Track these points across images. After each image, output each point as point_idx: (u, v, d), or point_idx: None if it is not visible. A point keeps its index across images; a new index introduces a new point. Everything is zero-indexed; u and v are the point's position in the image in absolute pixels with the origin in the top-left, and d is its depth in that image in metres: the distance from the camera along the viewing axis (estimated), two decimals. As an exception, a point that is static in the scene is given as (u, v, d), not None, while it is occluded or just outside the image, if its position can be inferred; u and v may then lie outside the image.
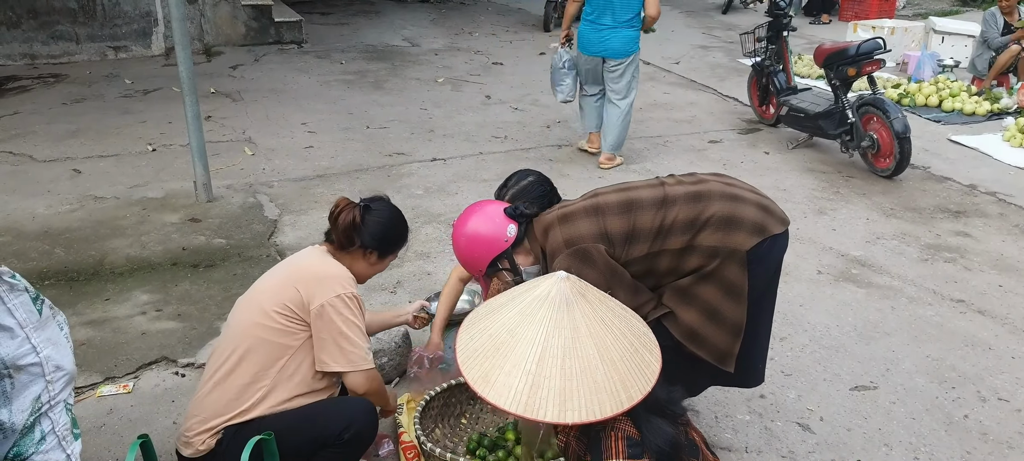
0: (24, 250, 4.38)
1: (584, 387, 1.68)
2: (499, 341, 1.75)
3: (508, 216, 2.51)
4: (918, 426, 3.04)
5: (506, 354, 1.72)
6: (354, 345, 2.35)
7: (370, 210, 2.52)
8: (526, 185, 2.85)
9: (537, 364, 1.69)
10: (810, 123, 6.20)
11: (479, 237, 2.49)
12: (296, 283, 2.35)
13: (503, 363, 1.71)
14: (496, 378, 1.69)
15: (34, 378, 1.88)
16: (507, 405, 1.66)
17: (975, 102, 7.55)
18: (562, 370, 1.69)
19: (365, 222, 2.48)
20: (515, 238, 2.49)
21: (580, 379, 1.69)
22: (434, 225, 4.82)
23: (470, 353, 1.77)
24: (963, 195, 5.55)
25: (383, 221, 2.53)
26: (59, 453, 1.95)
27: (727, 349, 2.41)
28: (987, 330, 3.75)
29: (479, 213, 2.54)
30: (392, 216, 2.57)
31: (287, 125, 6.87)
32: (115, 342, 3.51)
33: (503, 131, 6.88)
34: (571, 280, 1.82)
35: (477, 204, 2.61)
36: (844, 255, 4.55)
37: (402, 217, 2.62)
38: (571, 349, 1.71)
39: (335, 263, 2.46)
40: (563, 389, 1.67)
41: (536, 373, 1.68)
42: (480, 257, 2.50)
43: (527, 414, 1.65)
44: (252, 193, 5.31)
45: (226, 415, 2.28)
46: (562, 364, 1.69)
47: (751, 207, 2.41)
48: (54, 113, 7.05)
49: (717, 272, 2.36)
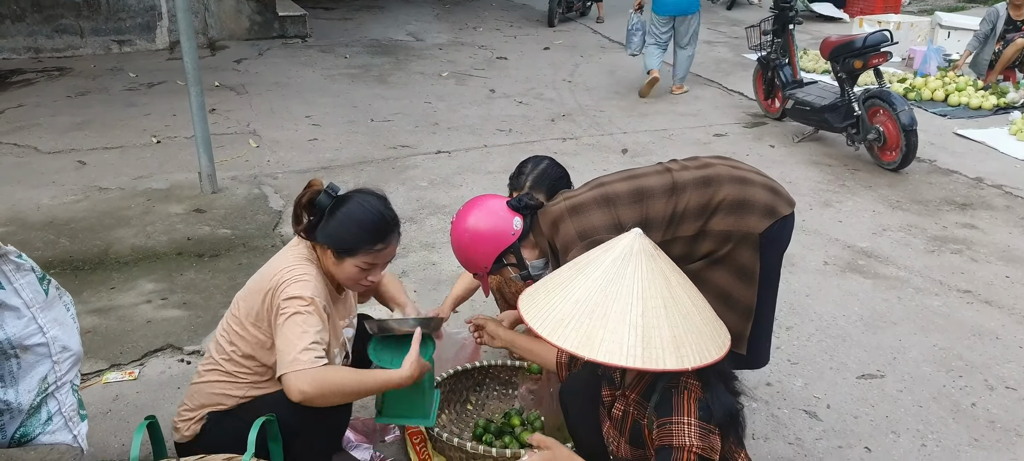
0: (29, 240, 4.38)
1: (691, 333, 1.69)
2: (591, 302, 1.71)
3: (512, 209, 2.42)
4: (925, 414, 3.02)
5: (605, 312, 1.68)
6: (290, 345, 2.05)
7: (343, 199, 2.20)
8: (544, 168, 2.80)
9: (642, 316, 1.67)
10: (816, 116, 6.18)
11: (483, 233, 2.38)
12: (262, 288, 2.19)
13: (604, 322, 1.67)
14: (601, 337, 1.66)
15: (40, 358, 1.87)
16: (623, 361, 1.63)
17: (981, 96, 7.52)
18: (668, 319, 1.68)
19: (329, 211, 2.17)
20: (522, 231, 2.40)
21: (685, 326, 1.69)
22: (439, 216, 4.81)
23: (556, 322, 1.71)
24: (969, 188, 5.53)
25: (345, 214, 2.17)
26: (66, 434, 1.95)
27: (739, 332, 2.40)
28: (994, 320, 3.74)
29: (480, 208, 2.44)
30: (358, 212, 2.17)
31: (291, 118, 6.87)
32: (121, 330, 3.51)
33: (508, 124, 6.87)
34: (644, 235, 1.82)
35: (476, 199, 2.50)
36: (850, 246, 4.53)
37: (376, 218, 2.19)
38: (670, 299, 1.72)
39: (299, 260, 2.19)
40: (674, 336, 1.66)
41: (644, 325, 1.66)
42: (485, 254, 2.39)
43: (646, 366, 1.63)
44: (257, 184, 5.31)
45: (210, 405, 2.23)
46: (666, 313, 1.69)
47: (760, 189, 2.40)
48: (58, 106, 7.06)
49: (729, 256, 2.35)
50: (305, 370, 1.99)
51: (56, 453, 2.67)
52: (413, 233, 4.56)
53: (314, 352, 2.03)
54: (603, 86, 8.33)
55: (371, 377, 2.16)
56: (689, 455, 1.70)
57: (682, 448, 1.71)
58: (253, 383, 2.23)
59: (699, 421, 1.73)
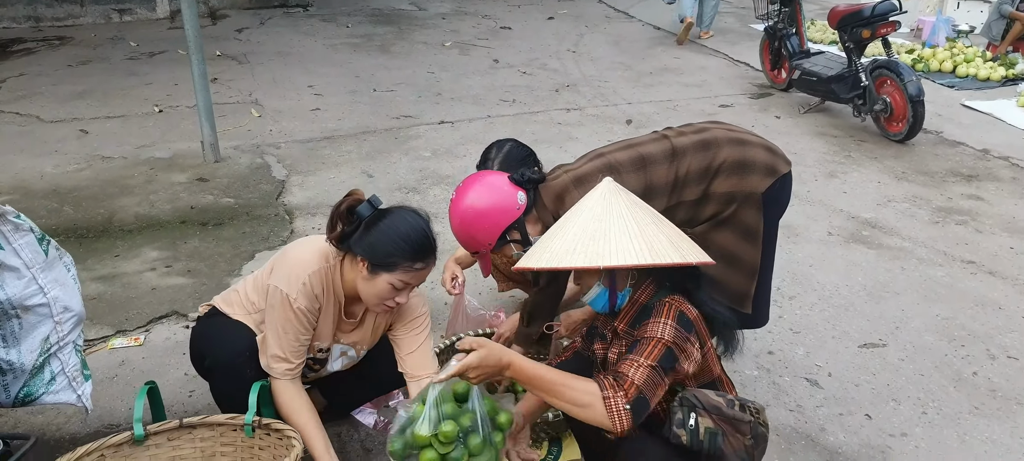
0: (33, 208, 4.39)
1: (685, 241, 1.85)
2: (590, 231, 1.81)
3: (515, 183, 2.37)
4: (926, 382, 3.03)
5: (605, 234, 1.79)
6: (266, 340, 2.16)
7: (385, 213, 2.13)
8: (508, 151, 2.77)
9: (640, 229, 1.79)
10: (823, 87, 6.13)
11: (486, 209, 2.31)
12: (276, 257, 2.27)
13: (606, 240, 1.77)
14: (608, 250, 1.76)
15: (42, 319, 1.88)
16: (634, 260, 1.73)
17: (990, 68, 7.45)
18: (661, 230, 1.83)
19: (368, 222, 2.11)
20: (526, 205, 2.36)
21: (677, 235, 1.85)
22: (442, 186, 4.80)
23: (561, 253, 1.80)
24: (976, 159, 5.49)
25: (388, 227, 2.09)
26: (69, 393, 1.96)
27: (745, 291, 2.41)
28: (997, 291, 3.73)
29: (481, 184, 2.37)
30: (403, 227, 2.09)
31: (293, 88, 6.83)
32: (126, 297, 3.52)
33: (511, 94, 6.83)
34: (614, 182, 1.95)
35: (474, 176, 2.44)
36: (854, 217, 4.51)
37: (420, 236, 2.11)
38: (657, 218, 1.88)
39: (312, 256, 2.17)
40: (670, 241, 1.81)
41: (642, 235, 1.78)
42: (489, 230, 2.33)
43: (654, 260, 1.73)
44: (260, 154, 5.30)
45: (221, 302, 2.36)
46: (658, 227, 1.83)
47: (759, 149, 2.40)
48: (60, 75, 7.03)
49: (733, 217, 2.35)
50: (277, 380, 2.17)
51: (63, 416, 2.70)
52: (416, 203, 4.53)
53: (287, 364, 2.16)
54: (608, 56, 8.27)
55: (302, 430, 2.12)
56: (659, 345, 1.76)
57: (652, 338, 1.78)
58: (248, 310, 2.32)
59: (676, 324, 1.79)
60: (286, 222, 4.29)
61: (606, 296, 1.92)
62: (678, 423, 1.75)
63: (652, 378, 1.74)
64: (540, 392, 1.82)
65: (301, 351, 2.18)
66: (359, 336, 2.39)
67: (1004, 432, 2.76)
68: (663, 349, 1.76)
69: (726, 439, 1.74)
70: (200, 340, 2.33)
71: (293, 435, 1.95)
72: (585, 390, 1.74)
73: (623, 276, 1.92)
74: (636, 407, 1.71)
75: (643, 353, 1.76)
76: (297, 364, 2.17)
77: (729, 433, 1.74)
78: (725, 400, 1.78)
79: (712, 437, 1.73)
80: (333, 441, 2.58)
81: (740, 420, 1.75)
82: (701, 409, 1.75)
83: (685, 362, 1.79)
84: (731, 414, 1.75)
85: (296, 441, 1.91)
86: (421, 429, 1.76)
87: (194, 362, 2.41)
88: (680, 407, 1.76)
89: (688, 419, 1.74)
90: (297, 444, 1.89)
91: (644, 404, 1.72)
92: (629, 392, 1.72)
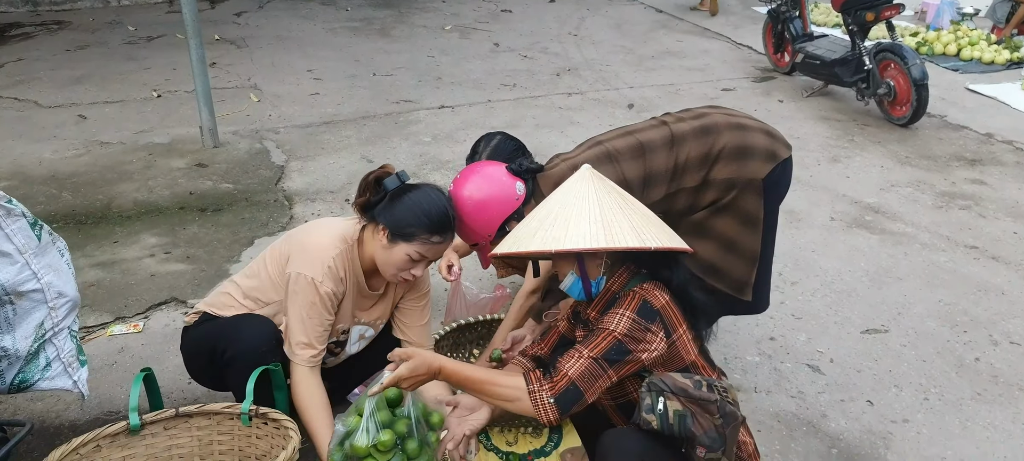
0: (31, 194, 4.37)
1: (651, 226, 1.85)
2: (553, 215, 1.85)
3: (513, 173, 2.35)
4: (929, 368, 3.02)
5: (567, 217, 1.82)
6: (289, 328, 2.18)
7: (411, 187, 2.20)
8: (497, 144, 2.75)
9: (601, 212, 1.81)
10: (826, 70, 6.08)
11: (486, 200, 2.30)
12: (292, 245, 2.28)
13: (566, 225, 1.81)
14: (565, 234, 1.79)
15: (36, 305, 1.87)
16: (587, 244, 1.76)
17: (994, 51, 7.39)
18: (625, 216, 1.83)
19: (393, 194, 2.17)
20: (525, 195, 2.35)
21: (643, 221, 1.85)
22: (442, 172, 4.77)
23: (523, 238, 1.86)
24: (979, 144, 5.46)
25: (412, 200, 2.16)
26: (65, 379, 1.95)
27: (745, 278, 2.39)
28: (1000, 276, 3.71)
29: (479, 175, 2.36)
30: (425, 202, 2.16)
31: (293, 72, 6.79)
32: (125, 283, 3.51)
33: (512, 79, 6.78)
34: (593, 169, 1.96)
35: (473, 167, 2.43)
36: (857, 202, 4.48)
37: (441, 212, 2.17)
38: (624, 202, 1.88)
39: (332, 239, 2.22)
40: (633, 226, 1.81)
41: (603, 220, 1.80)
42: (489, 221, 2.32)
43: (610, 244, 1.76)
44: (259, 139, 5.27)
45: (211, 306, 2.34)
46: (622, 211, 1.84)
47: (759, 134, 2.37)
48: (58, 60, 7.00)
49: (734, 203, 2.32)
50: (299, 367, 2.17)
51: (62, 403, 2.69)
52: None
53: (311, 350, 2.17)
54: (609, 40, 8.21)
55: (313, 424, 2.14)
56: (608, 337, 1.81)
57: (603, 330, 1.83)
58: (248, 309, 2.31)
59: (635, 315, 1.82)
60: (285, 208, 4.27)
61: (579, 283, 1.96)
62: (647, 408, 1.77)
63: (592, 370, 1.81)
64: (472, 391, 1.91)
65: (325, 337, 2.22)
66: (380, 310, 2.43)
67: (1006, 418, 2.75)
68: (612, 342, 1.82)
69: (695, 420, 1.75)
70: (209, 339, 2.26)
71: (290, 426, 1.93)
72: (512, 386, 1.83)
73: (594, 263, 1.95)
74: (563, 399, 1.79)
75: (589, 345, 1.83)
76: (320, 350, 2.21)
77: (698, 414, 1.76)
78: (692, 382, 1.79)
79: (681, 419, 1.75)
80: (332, 427, 2.60)
81: (707, 400, 1.76)
82: (669, 392, 1.76)
83: (641, 353, 1.83)
84: (698, 395, 1.77)
85: (293, 432, 1.90)
86: (360, 440, 1.82)
87: (196, 365, 2.36)
88: (648, 392, 1.78)
89: (656, 404, 1.76)
90: (294, 436, 1.88)
91: (574, 395, 1.80)
92: (557, 385, 1.80)
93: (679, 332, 1.89)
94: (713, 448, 1.75)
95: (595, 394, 1.82)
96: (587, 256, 1.93)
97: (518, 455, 2.42)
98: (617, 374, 1.83)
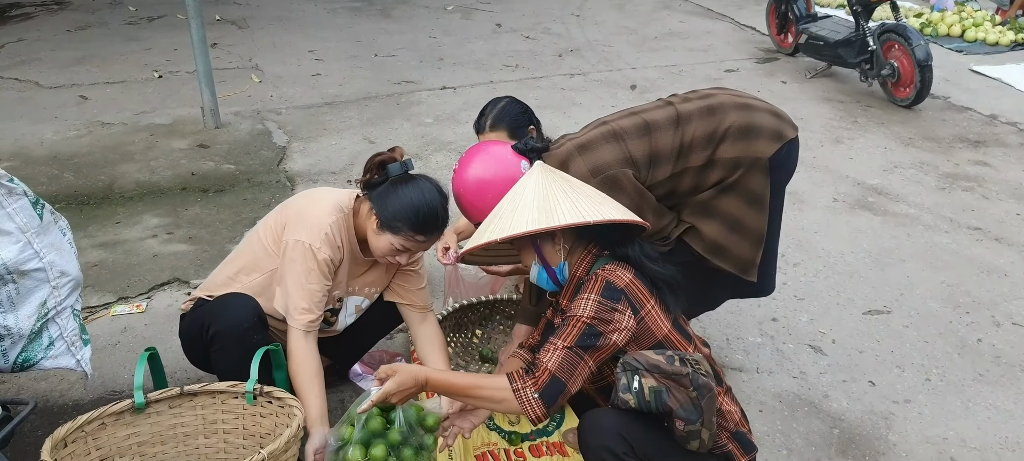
0: (33, 175, 4.37)
1: (593, 203, 1.93)
2: (503, 209, 1.96)
3: (518, 153, 2.33)
4: (931, 349, 3.02)
5: (514, 208, 1.93)
6: (288, 294, 2.19)
7: (409, 178, 2.22)
8: (503, 106, 2.75)
9: (544, 199, 1.91)
10: (829, 51, 6.04)
11: (490, 180, 2.27)
12: (288, 213, 2.30)
13: (512, 215, 1.91)
14: (509, 223, 1.90)
15: (39, 284, 1.87)
16: (525, 228, 1.85)
17: (999, 32, 7.33)
18: (567, 196, 1.92)
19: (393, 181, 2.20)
20: None
21: (587, 199, 1.94)
22: (444, 153, 4.76)
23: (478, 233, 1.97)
24: (983, 125, 5.43)
25: (405, 193, 2.18)
26: (68, 358, 1.96)
27: (750, 258, 2.38)
28: (1003, 257, 3.70)
29: (483, 155, 2.34)
30: (417, 198, 2.18)
31: (294, 53, 6.77)
32: (127, 263, 3.51)
33: (514, 59, 6.75)
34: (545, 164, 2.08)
35: (477, 147, 2.42)
36: (860, 183, 4.47)
37: (429, 211, 2.19)
38: (570, 187, 1.97)
39: (329, 208, 2.24)
40: (575, 204, 1.89)
41: (545, 205, 1.89)
42: (492, 201, 2.24)
43: (547, 224, 1.85)
44: (260, 120, 5.25)
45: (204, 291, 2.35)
46: (566, 194, 1.93)
47: (765, 114, 2.36)
48: (59, 40, 6.97)
49: (739, 182, 2.31)
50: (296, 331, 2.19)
51: (66, 382, 2.70)
52: (418, 170, 4.52)
53: (310, 315, 2.19)
54: (612, 20, 8.15)
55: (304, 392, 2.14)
56: (578, 324, 1.84)
57: (572, 317, 1.86)
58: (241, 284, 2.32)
59: (600, 297, 1.85)
60: (287, 189, 4.26)
61: (544, 272, 2.01)
62: (623, 388, 1.79)
63: (569, 359, 1.83)
64: (459, 398, 1.95)
65: (323, 303, 2.24)
66: (374, 277, 2.45)
67: (1008, 399, 2.75)
68: (582, 328, 1.84)
69: (671, 394, 1.77)
70: (198, 321, 2.26)
71: (295, 404, 1.94)
72: (497, 387, 1.87)
73: (552, 250, 2.00)
74: (547, 393, 1.81)
75: (561, 335, 1.86)
76: (318, 316, 2.23)
77: (672, 389, 1.78)
78: (665, 357, 1.81)
79: (657, 395, 1.77)
80: (337, 407, 2.62)
81: (680, 374, 1.78)
82: (643, 370, 1.78)
83: (612, 334, 1.85)
84: (671, 370, 1.79)
85: (298, 410, 1.91)
86: (353, 454, 1.85)
87: (193, 350, 2.36)
88: (623, 372, 1.81)
89: (632, 382, 1.78)
90: (299, 413, 1.89)
91: (557, 388, 1.82)
92: (540, 380, 1.82)
93: (647, 308, 1.92)
94: (690, 420, 1.77)
95: (578, 382, 1.85)
96: (545, 244, 1.98)
97: (520, 435, 2.44)
98: (593, 359, 1.86)
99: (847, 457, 2.47)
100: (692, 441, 1.81)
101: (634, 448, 1.81)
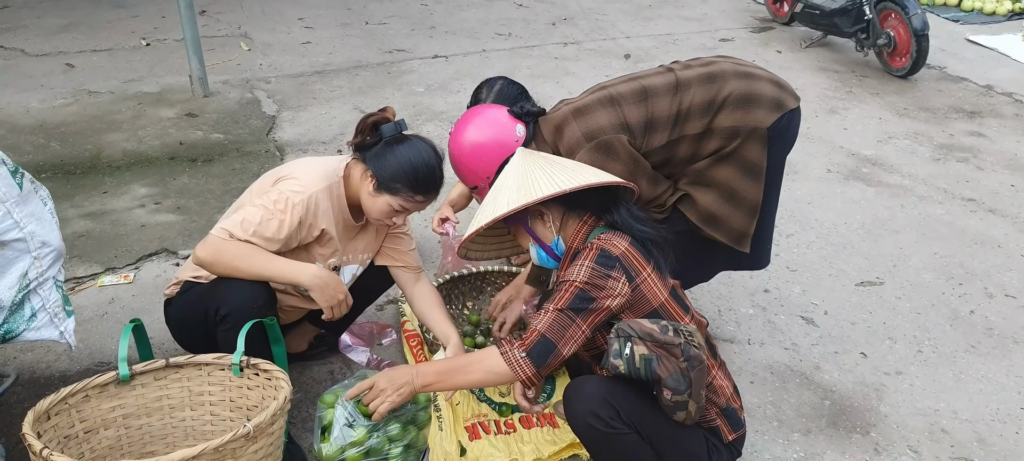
0: (19, 144, 4.30)
1: (568, 172, 1.98)
2: (488, 197, 2.00)
3: (514, 116, 2.35)
4: (923, 320, 3.02)
5: (497, 194, 1.99)
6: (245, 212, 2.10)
7: (404, 138, 2.19)
8: (499, 88, 2.72)
9: (524, 179, 1.96)
10: (825, 21, 5.98)
11: (486, 143, 2.31)
12: (278, 174, 2.25)
13: (495, 202, 1.97)
14: (493, 208, 1.96)
15: (20, 254, 1.83)
16: (504, 209, 1.91)
17: (996, 1, 7.28)
18: (545, 172, 1.97)
19: (387, 142, 2.17)
20: (525, 138, 2.34)
21: (563, 171, 1.98)
22: (436, 123, 4.71)
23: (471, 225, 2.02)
24: (979, 96, 5.40)
25: (402, 153, 2.15)
26: (51, 330, 1.93)
27: (744, 229, 2.36)
28: (997, 228, 3.69)
29: (480, 118, 2.37)
30: (415, 157, 2.16)
31: (283, 20, 6.66)
32: (115, 234, 3.47)
33: (507, 28, 6.66)
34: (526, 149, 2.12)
35: (474, 110, 2.44)
36: (854, 154, 4.45)
37: (428, 171, 2.17)
38: (547, 163, 2.02)
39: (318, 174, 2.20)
40: (551, 180, 1.93)
41: (525, 184, 1.95)
42: (487, 164, 2.30)
43: (524, 200, 1.90)
44: (249, 88, 5.18)
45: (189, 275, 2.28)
46: (545, 171, 1.98)
47: (766, 83, 2.32)
48: (44, 7, 6.84)
49: (737, 152, 2.28)
50: (210, 238, 2.07)
51: (52, 354, 2.68)
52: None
53: (231, 230, 2.06)
54: (606, -11, 8.05)
55: (269, 262, 2.07)
56: (570, 288, 1.87)
57: (565, 282, 1.89)
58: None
59: (594, 264, 1.87)
60: (277, 158, 4.21)
61: (541, 251, 2.04)
62: (614, 353, 1.80)
63: (559, 321, 1.85)
64: (453, 379, 1.97)
65: (269, 244, 2.11)
66: (365, 242, 2.43)
67: (1000, 371, 2.75)
68: (574, 292, 1.86)
69: (661, 363, 1.77)
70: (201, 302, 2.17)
71: (282, 377, 1.91)
72: (486, 356, 1.91)
73: (543, 227, 2.03)
74: (535, 352, 1.84)
75: (554, 300, 1.88)
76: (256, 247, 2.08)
77: (663, 357, 1.78)
78: (658, 327, 1.81)
79: (647, 363, 1.77)
80: (326, 378, 2.60)
81: (672, 344, 1.79)
82: (635, 337, 1.79)
83: (605, 299, 1.86)
84: (664, 339, 1.79)
85: (285, 383, 1.88)
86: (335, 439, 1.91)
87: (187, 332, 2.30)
88: (616, 338, 1.81)
89: (623, 349, 1.78)
90: (285, 386, 1.86)
91: (547, 347, 1.84)
92: (528, 340, 1.85)
93: (643, 275, 1.92)
94: (678, 390, 1.78)
95: (570, 346, 1.86)
96: (535, 223, 2.02)
97: (510, 406, 2.43)
98: (586, 323, 1.86)
99: (838, 428, 2.47)
100: (678, 411, 1.82)
101: (620, 414, 1.82)
